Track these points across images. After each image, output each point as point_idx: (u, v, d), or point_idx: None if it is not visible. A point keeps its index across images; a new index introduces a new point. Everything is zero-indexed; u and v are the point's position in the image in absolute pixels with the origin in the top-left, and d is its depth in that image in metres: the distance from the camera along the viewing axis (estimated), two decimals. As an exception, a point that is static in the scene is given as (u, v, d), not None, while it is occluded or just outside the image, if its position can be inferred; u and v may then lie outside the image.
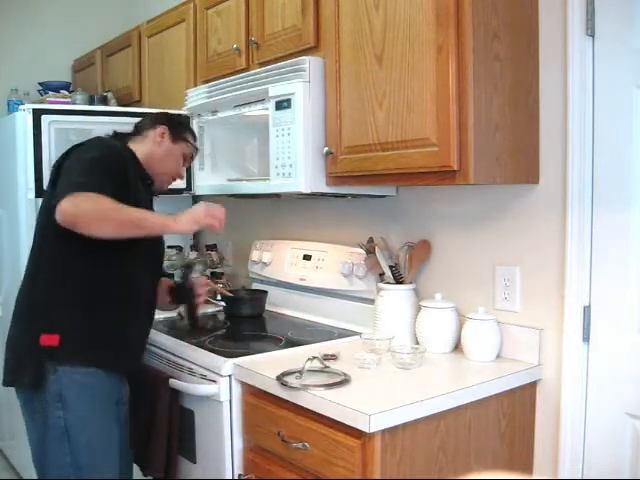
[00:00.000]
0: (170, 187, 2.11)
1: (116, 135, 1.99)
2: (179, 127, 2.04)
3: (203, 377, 1.89)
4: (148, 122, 2.01)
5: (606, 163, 1.66)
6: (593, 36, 1.66)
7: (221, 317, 2.56)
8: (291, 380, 1.63)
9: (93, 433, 1.73)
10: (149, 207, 1.92)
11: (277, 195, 2.34)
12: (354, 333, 2.16)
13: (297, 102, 1.95)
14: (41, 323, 1.72)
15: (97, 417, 1.74)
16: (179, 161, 2.04)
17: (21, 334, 1.77)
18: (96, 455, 1.73)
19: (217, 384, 1.83)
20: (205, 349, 1.97)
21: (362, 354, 1.80)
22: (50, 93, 3.37)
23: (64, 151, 1.83)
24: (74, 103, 3.13)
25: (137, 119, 2.06)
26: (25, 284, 1.83)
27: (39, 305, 1.75)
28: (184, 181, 2.65)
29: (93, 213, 1.60)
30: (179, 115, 2.21)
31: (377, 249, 2.10)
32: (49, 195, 1.76)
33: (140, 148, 1.95)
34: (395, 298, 2.04)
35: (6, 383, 1.78)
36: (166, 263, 2.64)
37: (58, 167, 1.77)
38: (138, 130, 2.01)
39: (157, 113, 2.11)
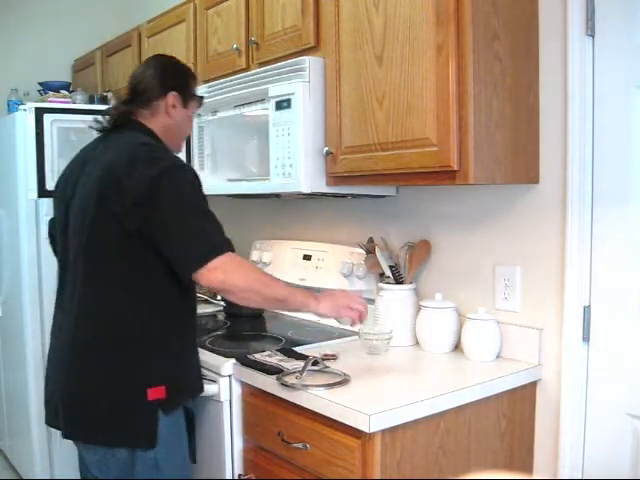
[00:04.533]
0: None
1: (120, 117, 1.69)
2: (188, 85, 1.78)
3: (203, 377, 1.88)
4: (155, 90, 1.71)
5: (606, 163, 1.66)
6: (593, 36, 1.66)
7: (221, 317, 2.55)
8: (291, 380, 1.63)
9: (180, 462, 1.66)
10: None
11: (277, 195, 2.34)
12: (354, 333, 2.15)
13: (297, 102, 1.95)
14: (144, 376, 1.56)
15: (183, 446, 1.68)
16: (191, 121, 1.86)
17: (123, 389, 1.55)
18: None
19: (217, 384, 1.83)
20: (205, 349, 1.96)
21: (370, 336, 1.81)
22: (50, 93, 3.36)
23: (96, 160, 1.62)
24: (74, 103, 3.13)
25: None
26: (103, 330, 1.56)
27: (139, 358, 1.56)
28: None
29: (243, 285, 1.54)
30: (179, 65, 1.83)
31: (377, 249, 2.10)
32: (103, 216, 1.54)
33: (155, 125, 1.71)
34: (395, 298, 2.04)
35: (115, 443, 1.56)
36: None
37: (113, 181, 1.52)
38: (143, 101, 1.71)
39: (160, 71, 1.74)
